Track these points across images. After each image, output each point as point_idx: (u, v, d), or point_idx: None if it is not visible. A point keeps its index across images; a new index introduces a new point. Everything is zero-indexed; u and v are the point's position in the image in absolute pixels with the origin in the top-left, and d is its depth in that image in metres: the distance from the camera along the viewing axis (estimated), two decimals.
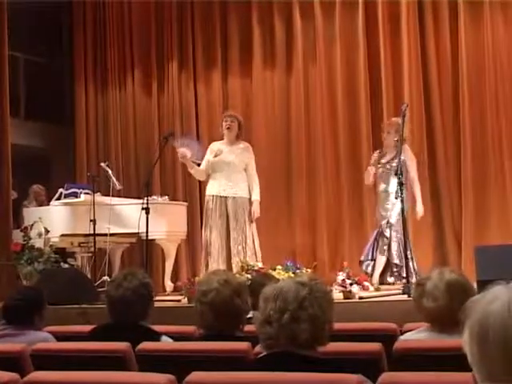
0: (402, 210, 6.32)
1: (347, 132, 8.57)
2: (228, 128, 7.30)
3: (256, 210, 7.21)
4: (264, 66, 9.18)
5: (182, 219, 8.02)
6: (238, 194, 7.23)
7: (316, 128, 8.81)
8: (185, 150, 7.20)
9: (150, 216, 6.59)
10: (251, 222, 7.21)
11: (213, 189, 7.31)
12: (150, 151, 9.22)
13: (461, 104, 8.34)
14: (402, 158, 7.15)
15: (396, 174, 6.24)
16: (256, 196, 7.26)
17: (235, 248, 7.12)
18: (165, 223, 7.60)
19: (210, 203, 7.27)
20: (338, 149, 8.73)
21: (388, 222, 7.23)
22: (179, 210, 8.06)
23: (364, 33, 8.66)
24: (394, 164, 7.22)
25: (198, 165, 7.32)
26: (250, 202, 7.23)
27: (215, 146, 7.44)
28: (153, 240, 7.59)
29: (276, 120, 9.11)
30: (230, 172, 7.24)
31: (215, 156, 7.32)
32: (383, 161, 7.42)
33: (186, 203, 8.40)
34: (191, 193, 9.18)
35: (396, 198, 6.28)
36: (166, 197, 8.02)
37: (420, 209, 7.25)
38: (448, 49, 8.45)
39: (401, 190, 6.12)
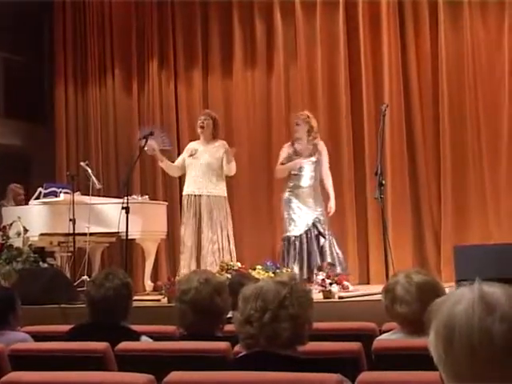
0: (383, 213, 6.34)
1: (327, 131, 8.57)
2: (201, 127, 7.33)
3: (230, 158, 7.11)
4: (245, 66, 9.17)
5: (161, 219, 8.00)
6: (212, 192, 7.24)
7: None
8: (151, 143, 7.17)
9: (129, 215, 6.58)
10: (225, 220, 7.21)
11: (188, 188, 7.35)
12: (130, 150, 9.18)
13: (440, 105, 8.38)
14: (319, 151, 7.30)
15: (376, 174, 6.24)
16: (228, 165, 7.17)
17: (209, 247, 7.11)
18: (145, 223, 7.59)
19: (185, 202, 7.31)
20: None
21: (319, 221, 7.23)
22: (159, 210, 8.05)
23: (344, 32, 8.68)
24: (314, 159, 7.28)
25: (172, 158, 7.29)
26: (226, 201, 7.27)
27: (191, 145, 7.48)
28: (133, 239, 7.60)
29: (257, 120, 9.11)
30: (205, 171, 7.25)
31: (190, 155, 7.33)
32: (302, 154, 7.38)
33: (165, 203, 8.38)
34: (171, 192, 9.16)
35: (375, 199, 6.29)
36: (146, 196, 8.01)
37: (333, 204, 7.30)
38: (428, 49, 8.49)
39: (380, 189, 6.13)
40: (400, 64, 8.53)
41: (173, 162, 7.68)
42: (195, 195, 7.24)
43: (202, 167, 7.26)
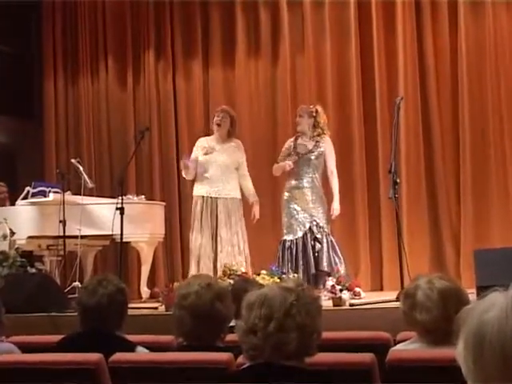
0: (397, 213, 6.32)
1: (337, 126, 8.56)
2: (218, 124, 7.36)
3: (257, 211, 7.38)
4: (248, 56, 9.17)
5: (159, 220, 8.01)
6: (230, 194, 7.33)
7: None
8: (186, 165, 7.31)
9: (124, 217, 6.59)
10: (242, 223, 7.32)
11: (202, 189, 7.36)
12: (124, 147, 9.19)
13: (460, 97, 8.35)
14: (322, 149, 7.26)
15: (390, 172, 6.24)
16: (255, 196, 7.43)
17: (225, 250, 7.19)
18: (141, 224, 7.59)
19: (199, 205, 7.33)
20: None
21: (317, 225, 7.22)
22: (156, 211, 8.05)
23: (356, 19, 8.65)
24: (313, 157, 7.28)
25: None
26: (241, 203, 7.36)
27: (204, 142, 7.49)
28: (128, 243, 7.60)
29: (261, 114, 9.10)
30: (222, 172, 7.31)
31: (205, 154, 7.35)
32: (301, 151, 7.40)
33: (163, 203, 8.38)
34: (169, 192, 9.16)
35: (389, 198, 6.29)
36: (142, 196, 8.01)
37: (337, 206, 7.28)
38: (447, 37, 8.45)
39: (394, 188, 6.12)
40: (416, 53, 8.51)
41: (170, 160, 7.69)
42: (211, 197, 7.30)
43: (221, 168, 7.31)
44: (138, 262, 8.34)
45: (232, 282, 5.99)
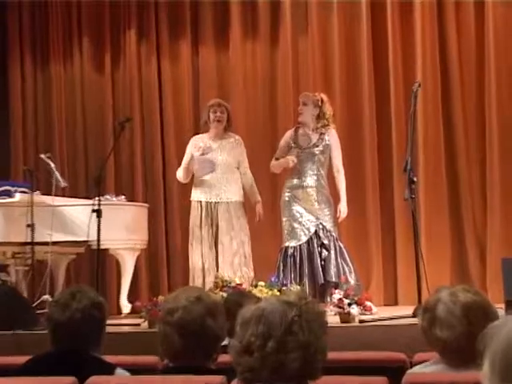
0: (414, 217, 6.33)
1: (345, 117, 8.58)
2: (219, 121, 7.50)
3: (261, 212, 7.52)
4: (244, 37, 9.16)
5: (141, 224, 8.02)
6: (232, 198, 7.45)
7: None
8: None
9: (102, 220, 6.59)
10: (245, 228, 7.44)
11: (201, 193, 7.47)
12: (102, 140, 9.19)
13: (486, 83, 8.37)
14: (327, 142, 7.28)
15: (405, 170, 6.25)
16: (258, 197, 7.58)
17: (228, 261, 7.29)
18: (120, 229, 7.61)
19: (198, 210, 7.46)
20: None
21: (324, 229, 7.23)
22: (139, 213, 8.06)
23: None
24: (318, 151, 7.28)
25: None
26: (243, 206, 7.50)
27: (199, 141, 7.60)
28: (105, 250, 7.62)
29: (258, 104, 9.11)
30: (222, 173, 7.44)
31: (202, 154, 7.44)
32: (302, 144, 7.42)
33: (146, 205, 8.38)
34: (154, 192, 9.16)
35: (405, 200, 6.29)
36: (123, 197, 8.02)
37: (344, 207, 7.30)
38: (471, 12, 8.46)
39: (410, 188, 6.13)
40: (436, 33, 8.52)
41: (154, 155, 7.71)
42: (212, 202, 7.42)
43: (221, 168, 7.44)
44: (118, 273, 8.34)
45: (225, 295, 6.00)
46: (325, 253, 7.19)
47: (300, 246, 7.24)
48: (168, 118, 9.27)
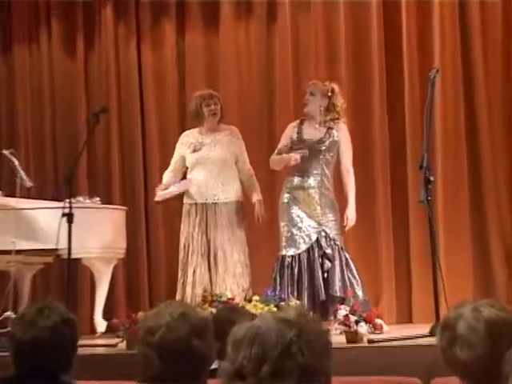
0: (431, 222, 6.33)
1: (352, 108, 8.56)
2: (214, 114, 7.59)
3: (261, 212, 7.58)
4: (236, 16, 9.17)
5: (118, 230, 8.03)
6: (230, 197, 7.51)
7: None
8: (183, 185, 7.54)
9: (73, 226, 6.58)
10: (244, 233, 7.54)
11: (195, 193, 7.51)
12: (74, 134, 9.17)
13: None
14: (335, 138, 7.29)
15: (421, 168, 6.25)
16: (258, 196, 7.61)
17: (233, 271, 7.35)
18: (95, 236, 7.63)
19: (192, 213, 7.51)
20: None
21: (327, 237, 7.23)
22: (115, 218, 8.07)
23: None
24: (323, 147, 7.28)
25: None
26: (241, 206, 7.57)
27: (190, 137, 7.69)
28: (78, 260, 7.60)
29: (253, 93, 9.12)
30: (218, 169, 7.51)
31: (194, 151, 7.51)
32: (307, 139, 7.43)
33: (125, 208, 8.38)
34: (133, 194, 9.16)
35: (420, 202, 6.30)
36: (97, 199, 8.02)
37: (352, 214, 7.31)
38: None
39: (426, 189, 6.13)
40: (457, 10, 8.53)
41: (133, 152, 7.70)
42: (207, 204, 7.47)
43: (216, 165, 7.51)
44: (92, 285, 8.33)
45: (215, 311, 6.00)
46: (327, 264, 7.18)
47: (299, 255, 7.25)
48: (149, 108, 9.26)
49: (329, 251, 7.19)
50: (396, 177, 8.60)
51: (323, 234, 7.24)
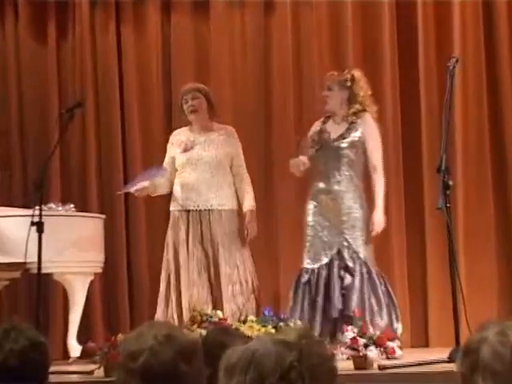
0: (450, 232, 6.34)
1: None
2: (194, 111, 7.58)
3: (252, 225, 7.52)
4: (230, 2, 9.15)
5: (96, 241, 8.03)
6: (224, 205, 7.50)
7: (312, 94, 8.80)
8: (140, 186, 7.51)
9: (44, 236, 6.57)
10: (243, 245, 7.51)
11: (184, 200, 7.51)
12: (44, 132, 9.17)
13: None
14: (358, 133, 7.28)
15: (439, 171, 6.26)
16: (250, 205, 7.57)
17: (228, 290, 7.34)
18: (69, 247, 7.63)
19: (180, 222, 7.51)
20: None
21: (349, 247, 7.24)
22: (92, 227, 8.07)
23: None
24: (344, 144, 7.28)
25: None
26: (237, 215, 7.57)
27: (179, 135, 7.71)
28: (49, 274, 7.60)
29: (248, 85, 9.12)
30: (210, 173, 7.51)
31: (184, 151, 7.54)
32: (328, 136, 7.46)
33: (102, 216, 8.38)
34: (111, 200, 9.14)
35: (438, 209, 6.31)
36: (71, 205, 8.02)
37: (379, 218, 7.31)
38: None
39: (445, 195, 6.14)
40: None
41: (112, 152, 7.71)
42: (199, 210, 7.46)
43: (209, 167, 7.51)
44: (65, 304, 8.33)
45: (204, 332, 6.01)
46: (348, 279, 7.16)
47: (319, 268, 7.23)
48: (131, 102, 9.26)
49: (350, 264, 7.17)
50: (410, 181, 8.60)
51: (345, 244, 7.22)
